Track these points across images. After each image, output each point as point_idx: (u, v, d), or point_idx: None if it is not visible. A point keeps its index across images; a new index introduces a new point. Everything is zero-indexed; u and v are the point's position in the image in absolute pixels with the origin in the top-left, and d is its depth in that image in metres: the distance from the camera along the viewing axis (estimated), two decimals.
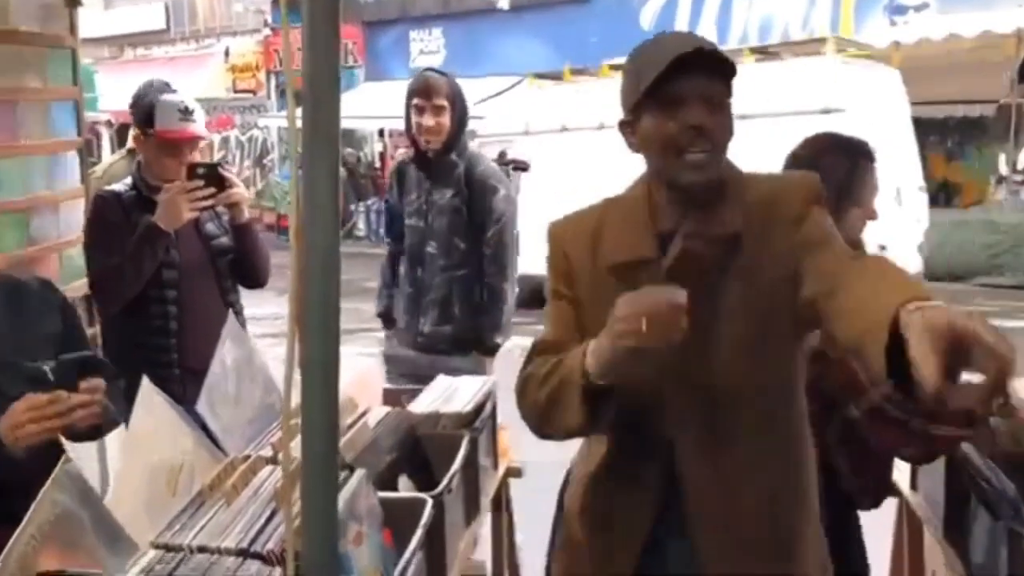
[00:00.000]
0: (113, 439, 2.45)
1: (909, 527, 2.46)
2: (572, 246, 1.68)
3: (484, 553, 3.06)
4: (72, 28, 2.93)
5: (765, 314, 1.57)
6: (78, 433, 1.75)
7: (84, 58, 3.09)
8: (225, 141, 17.53)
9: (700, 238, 1.55)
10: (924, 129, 10.85)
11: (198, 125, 2.71)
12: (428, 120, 3.17)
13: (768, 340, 1.58)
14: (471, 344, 3.31)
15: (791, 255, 1.54)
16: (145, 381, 1.68)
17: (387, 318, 3.51)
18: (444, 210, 3.26)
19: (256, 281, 2.92)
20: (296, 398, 1.05)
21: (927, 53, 10.13)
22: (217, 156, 15.33)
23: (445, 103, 3.16)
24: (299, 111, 0.88)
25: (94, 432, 1.78)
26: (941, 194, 10.58)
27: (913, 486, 2.40)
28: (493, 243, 3.26)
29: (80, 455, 2.38)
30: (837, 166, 2.11)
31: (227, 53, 18.76)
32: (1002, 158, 10.91)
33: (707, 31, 13.44)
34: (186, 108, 2.67)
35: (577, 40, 13.70)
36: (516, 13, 13.25)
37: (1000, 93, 10.14)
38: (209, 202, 2.64)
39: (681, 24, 13.57)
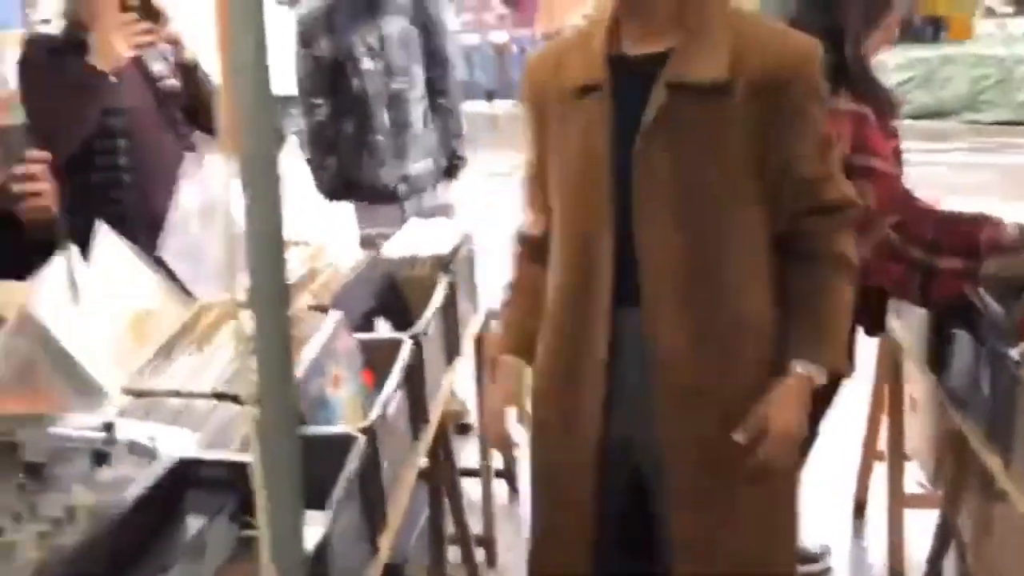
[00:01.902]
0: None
1: (890, 356, 2.47)
2: (540, 72, 1.65)
3: (464, 395, 3.09)
4: None
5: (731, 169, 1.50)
6: (31, 229, 1.63)
7: None
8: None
9: (682, 88, 1.48)
10: None
11: None
12: None
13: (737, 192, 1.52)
14: (446, 172, 3.29)
15: (773, 130, 1.49)
16: (103, 226, 1.60)
17: (347, 187, 3.20)
18: (403, 41, 3.12)
19: (213, 125, 2.75)
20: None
21: None
22: None
23: None
24: None
25: (45, 232, 1.66)
26: (929, 28, 10.27)
27: (897, 315, 2.40)
28: (445, 60, 3.22)
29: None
30: None
31: None
32: None
33: None
34: None
35: None
36: None
37: None
38: (148, 37, 2.45)
39: None
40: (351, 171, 3.18)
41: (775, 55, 1.50)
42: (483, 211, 4.08)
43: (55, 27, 2.54)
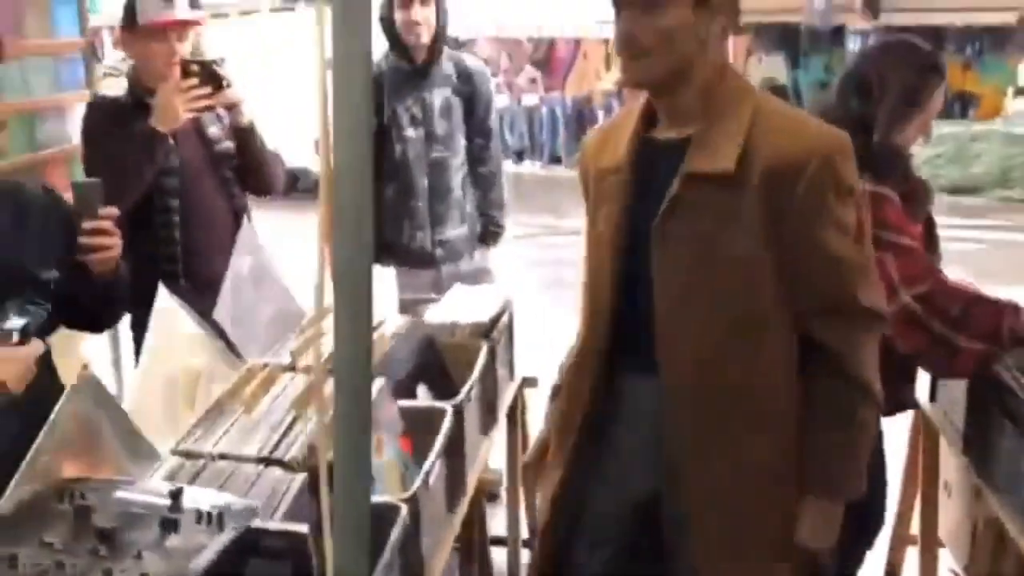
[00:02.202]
0: (127, 351, 2.43)
1: (925, 438, 2.46)
2: (590, 152, 1.74)
3: (498, 463, 3.09)
4: None
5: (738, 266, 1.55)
6: (93, 281, 1.71)
7: None
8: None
9: (697, 179, 1.54)
10: (943, 37, 10.58)
11: (182, 10, 2.58)
12: (415, 13, 3.05)
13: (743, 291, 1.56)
14: (482, 238, 3.35)
15: (786, 231, 1.52)
16: (162, 289, 1.66)
17: (387, 249, 3.22)
18: (446, 111, 3.20)
19: (264, 187, 2.80)
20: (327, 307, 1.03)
21: None
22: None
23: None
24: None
25: (109, 286, 1.73)
26: (957, 104, 10.35)
27: (932, 398, 2.40)
28: (488, 130, 3.30)
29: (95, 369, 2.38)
30: (903, 75, 2.06)
31: None
32: (1021, 69, 10.64)
33: None
34: None
35: None
36: None
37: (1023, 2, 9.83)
38: (207, 102, 2.54)
39: None
40: (391, 235, 3.24)
41: (791, 144, 1.53)
42: (508, 272, 4.13)
43: (119, 89, 2.65)
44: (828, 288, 1.55)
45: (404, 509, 1.51)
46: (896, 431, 2.28)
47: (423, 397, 2.07)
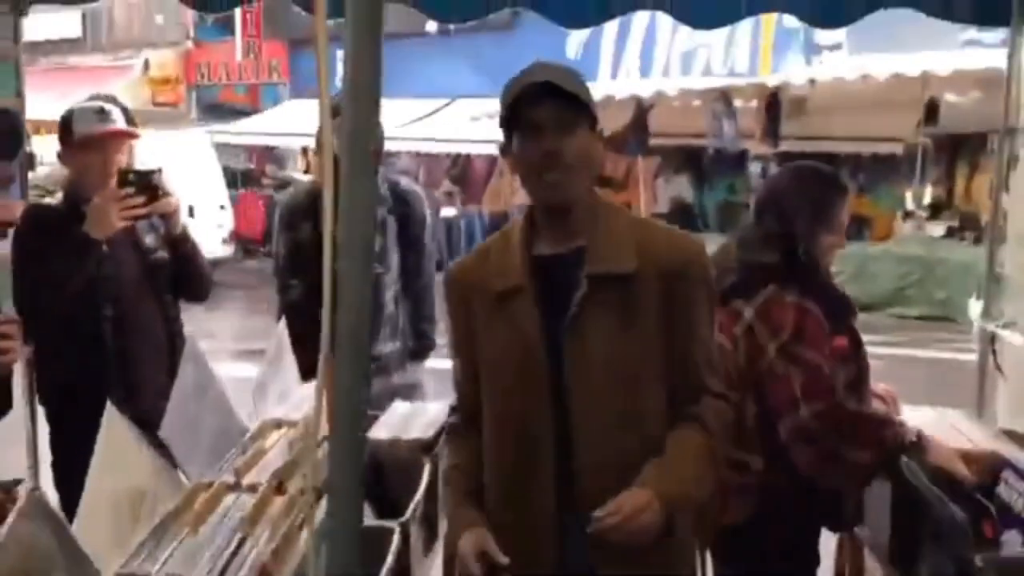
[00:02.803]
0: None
1: (851, 553, 2.54)
2: (464, 281, 1.84)
3: None
4: (16, 38, 2.82)
5: (638, 356, 1.72)
6: None
7: None
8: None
9: (601, 280, 1.70)
10: (838, 164, 11.30)
11: (118, 123, 2.63)
12: None
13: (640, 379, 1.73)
14: (414, 353, 3.37)
15: (670, 321, 1.72)
16: (109, 406, 1.63)
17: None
18: (379, 228, 3.27)
19: (196, 295, 2.83)
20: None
21: (841, 91, 10.55)
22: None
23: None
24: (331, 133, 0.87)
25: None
26: (852, 227, 10.99)
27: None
28: (422, 248, 3.37)
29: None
30: (814, 193, 2.26)
31: (147, 65, 18.29)
32: (909, 194, 11.41)
33: (631, 62, 13.74)
34: (101, 108, 2.61)
35: (503, 65, 13.80)
36: (444, 37, 13.32)
37: (907, 132, 10.61)
38: (141, 211, 2.56)
39: (606, 55, 13.84)
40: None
41: (670, 249, 1.75)
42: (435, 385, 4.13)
43: (55, 199, 2.65)
44: (691, 367, 1.75)
45: None
46: (824, 551, 2.36)
47: (367, 517, 2.05)
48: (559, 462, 1.72)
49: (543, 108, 1.66)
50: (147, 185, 2.57)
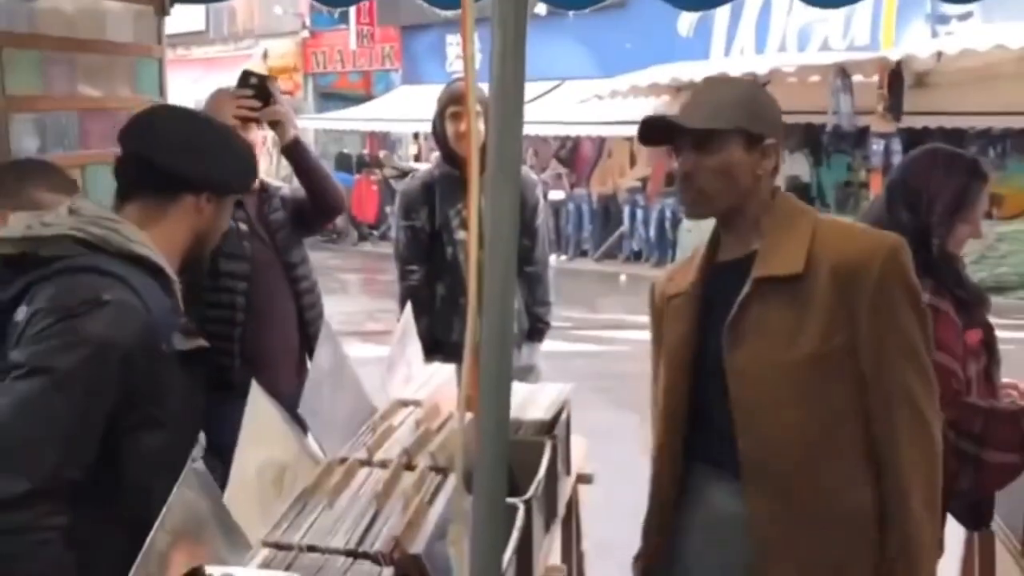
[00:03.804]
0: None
1: (982, 548, 2.47)
2: (660, 289, 1.89)
3: (553, 560, 3.10)
4: (159, 37, 3.00)
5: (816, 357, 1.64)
6: None
7: None
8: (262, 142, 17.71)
9: (766, 282, 1.67)
10: (966, 140, 10.79)
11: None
12: (465, 126, 3.22)
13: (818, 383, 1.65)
14: (530, 335, 3.48)
15: (858, 328, 1.62)
16: (255, 385, 1.73)
17: (437, 345, 3.29)
18: None
19: (328, 204, 2.84)
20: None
21: (971, 64, 10.06)
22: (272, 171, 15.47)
23: (480, 108, 3.23)
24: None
25: None
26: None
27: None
28: (534, 232, 3.44)
29: None
30: (952, 183, 2.15)
31: (265, 55, 18.94)
32: None
33: (745, 39, 13.42)
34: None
35: (614, 46, 13.72)
36: (553, 18, 13.32)
37: None
38: (255, 114, 2.63)
39: (719, 32, 13.55)
40: (441, 333, 3.34)
41: (854, 246, 1.65)
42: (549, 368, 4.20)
43: None
44: (892, 385, 1.62)
45: None
46: (950, 541, 2.30)
47: None
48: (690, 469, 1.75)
49: (687, 117, 1.70)
50: (264, 89, 2.66)
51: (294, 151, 2.76)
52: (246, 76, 2.67)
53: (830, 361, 1.62)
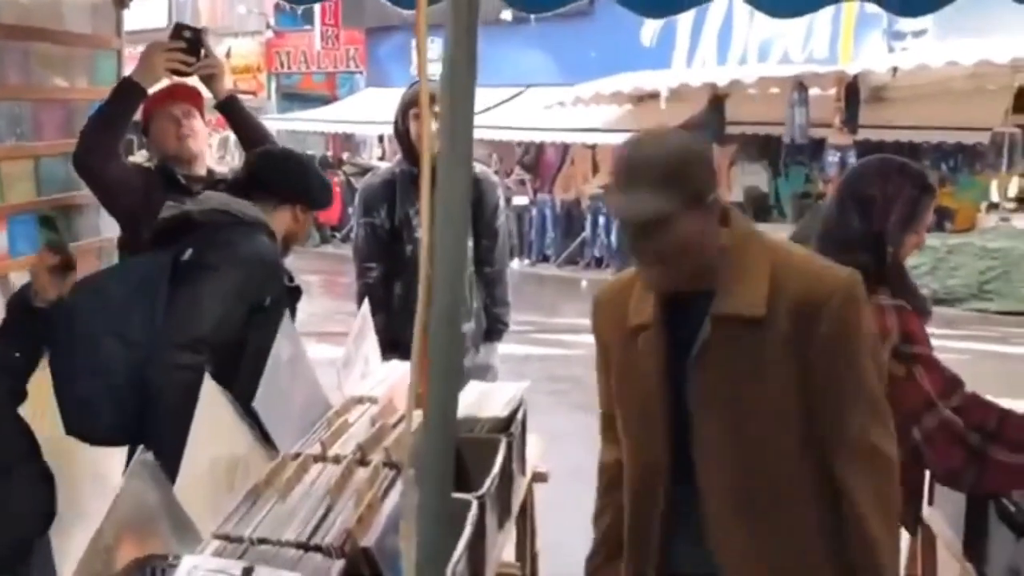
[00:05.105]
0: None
1: (923, 544, 2.53)
2: (606, 309, 1.85)
3: (507, 558, 3.11)
4: (118, 28, 2.97)
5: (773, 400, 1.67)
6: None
7: None
8: (224, 141, 17.55)
9: (726, 321, 1.66)
10: (919, 154, 11.01)
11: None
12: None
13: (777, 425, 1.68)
14: (487, 335, 3.47)
15: (811, 366, 1.65)
16: (207, 378, 1.73)
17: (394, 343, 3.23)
18: None
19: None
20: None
21: (925, 79, 10.28)
22: (216, 156, 15.33)
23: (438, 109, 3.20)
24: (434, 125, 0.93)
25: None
26: (933, 218, 10.70)
27: (930, 502, 2.48)
28: (494, 233, 3.44)
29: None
30: (904, 194, 2.16)
31: (228, 54, 18.77)
32: (994, 185, 11.07)
33: (707, 50, 13.58)
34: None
35: (578, 54, 13.80)
36: (518, 25, 13.36)
37: (995, 121, 10.29)
38: (187, 68, 2.63)
39: (681, 43, 13.69)
40: (399, 330, 3.33)
41: (807, 288, 1.65)
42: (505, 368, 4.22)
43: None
44: (837, 415, 1.66)
45: None
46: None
47: None
48: (676, 495, 1.74)
49: (626, 209, 1.64)
50: (198, 43, 2.63)
51: (230, 106, 2.75)
52: (179, 29, 2.63)
53: (789, 403, 1.67)
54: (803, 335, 1.64)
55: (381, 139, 17.60)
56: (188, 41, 2.62)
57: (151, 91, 2.65)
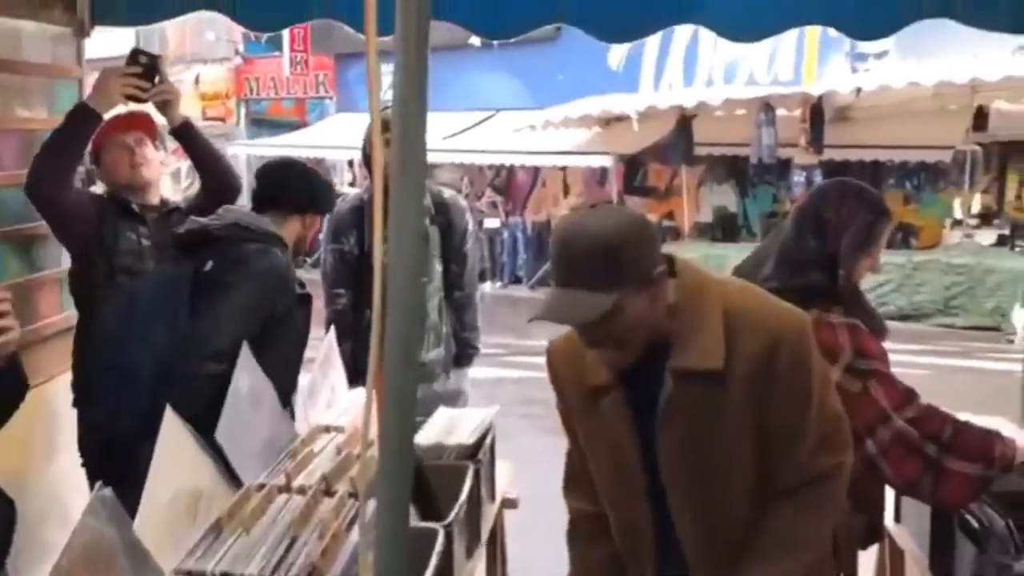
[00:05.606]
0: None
1: (892, 560, 2.55)
2: (562, 366, 1.84)
3: None
4: (79, 58, 2.95)
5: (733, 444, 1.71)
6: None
7: None
8: (193, 168, 17.44)
9: (686, 375, 1.67)
10: (883, 172, 11.17)
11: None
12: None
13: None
14: (457, 360, 3.47)
15: (765, 410, 1.69)
16: (168, 410, 1.71)
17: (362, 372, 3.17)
18: (424, 239, 3.34)
19: (224, 185, 2.82)
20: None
21: (888, 100, 10.44)
22: (185, 183, 15.24)
23: None
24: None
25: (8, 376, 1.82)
26: (898, 235, 10.84)
27: (897, 519, 2.50)
28: (463, 258, 3.44)
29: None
30: (859, 218, 2.19)
31: (197, 80, 18.70)
32: (957, 202, 11.24)
33: (673, 73, 13.71)
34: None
35: (546, 78, 13.89)
36: (487, 50, 13.43)
37: (956, 139, 10.47)
38: (143, 94, 2.61)
39: (648, 66, 13.83)
40: (367, 357, 3.31)
41: (759, 335, 1.66)
42: (477, 393, 4.21)
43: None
44: (793, 453, 1.71)
45: None
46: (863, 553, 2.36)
47: (411, 519, 2.11)
48: (661, 550, 1.77)
49: (566, 314, 1.62)
50: (153, 68, 2.62)
51: (184, 133, 2.74)
52: (136, 54, 2.62)
53: (749, 444, 1.70)
54: (762, 377, 1.66)
55: (351, 164, 17.58)
56: (144, 67, 2.61)
57: (106, 117, 2.63)
